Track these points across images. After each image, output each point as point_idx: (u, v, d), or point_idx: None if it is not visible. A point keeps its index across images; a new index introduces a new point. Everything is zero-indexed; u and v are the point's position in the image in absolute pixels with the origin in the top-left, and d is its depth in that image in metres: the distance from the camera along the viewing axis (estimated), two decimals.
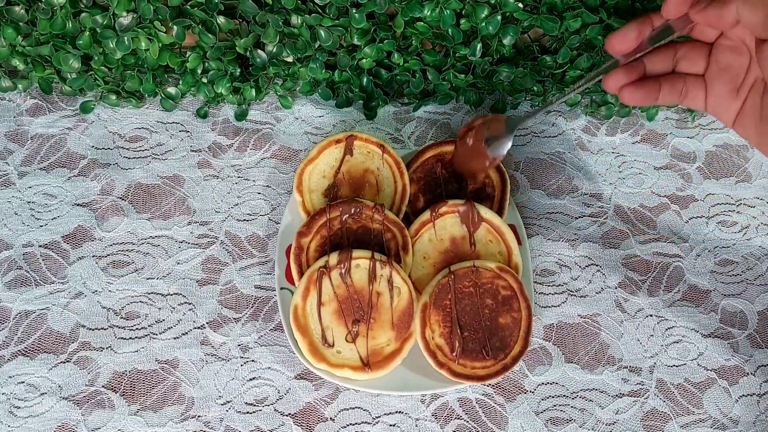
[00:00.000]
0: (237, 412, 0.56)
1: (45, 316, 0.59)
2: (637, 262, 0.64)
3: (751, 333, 0.61)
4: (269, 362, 0.58)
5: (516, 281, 0.57)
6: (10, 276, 0.60)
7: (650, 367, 0.59)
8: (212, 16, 0.62)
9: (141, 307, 0.60)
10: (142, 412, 0.55)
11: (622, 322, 0.61)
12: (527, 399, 0.57)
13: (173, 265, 0.62)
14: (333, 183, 0.62)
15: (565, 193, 0.68)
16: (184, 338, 0.59)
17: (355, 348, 0.55)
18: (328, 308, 0.56)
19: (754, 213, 0.67)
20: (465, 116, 0.72)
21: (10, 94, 0.70)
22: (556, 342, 0.60)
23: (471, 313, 0.56)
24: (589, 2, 0.62)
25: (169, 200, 0.65)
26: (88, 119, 0.69)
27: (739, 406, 0.58)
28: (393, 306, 0.56)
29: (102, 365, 0.57)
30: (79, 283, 0.60)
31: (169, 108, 0.69)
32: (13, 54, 0.65)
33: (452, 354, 0.55)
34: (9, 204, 0.64)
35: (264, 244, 0.63)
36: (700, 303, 0.62)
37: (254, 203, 0.65)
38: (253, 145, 0.69)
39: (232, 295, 0.61)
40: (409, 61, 0.67)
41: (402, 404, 0.57)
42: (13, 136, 0.68)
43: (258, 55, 0.65)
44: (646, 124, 0.72)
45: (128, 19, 0.62)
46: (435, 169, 0.64)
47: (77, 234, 0.63)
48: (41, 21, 0.62)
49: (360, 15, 0.62)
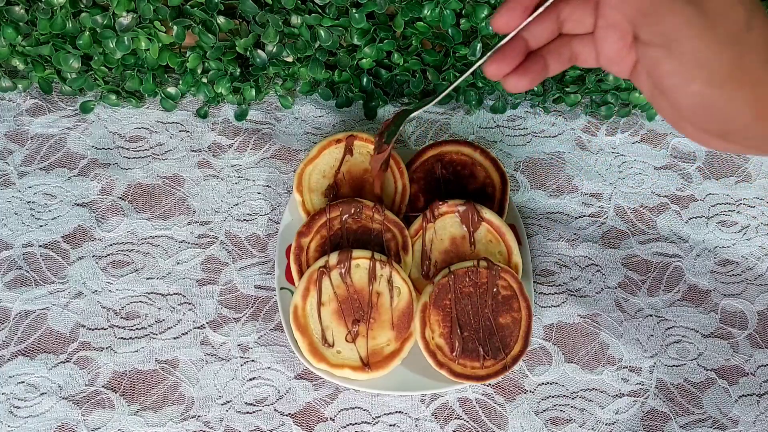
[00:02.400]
0: (237, 412, 0.56)
1: (45, 316, 0.59)
2: (637, 262, 0.64)
3: (751, 333, 0.61)
4: (269, 362, 0.58)
5: (516, 281, 0.57)
6: (10, 276, 0.60)
7: (650, 367, 0.59)
8: (212, 16, 0.62)
9: (141, 307, 0.60)
10: (142, 412, 0.55)
11: (622, 322, 0.61)
12: (527, 399, 0.57)
13: (173, 265, 0.62)
14: (333, 183, 0.62)
15: (565, 193, 0.68)
16: (184, 338, 0.59)
17: (355, 348, 0.55)
18: (328, 308, 0.56)
19: (754, 213, 0.68)
20: (465, 116, 0.72)
21: (10, 94, 0.70)
22: (556, 342, 0.60)
23: (471, 313, 0.56)
24: None
25: (169, 200, 0.65)
26: (88, 119, 0.69)
27: (739, 406, 0.58)
28: (393, 306, 0.56)
29: (102, 365, 0.57)
30: (79, 283, 0.60)
31: (169, 108, 0.69)
32: (13, 54, 0.65)
33: (452, 354, 0.55)
34: (9, 204, 0.64)
35: (264, 244, 0.63)
36: (700, 303, 0.62)
37: (254, 203, 0.65)
38: (253, 145, 0.69)
39: (232, 295, 0.61)
40: (409, 61, 0.67)
41: (402, 404, 0.57)
42: (13, 136, 0.68)
43: (258, 55, 0.65)
44: (646, 124, 0.72)
45: (128, 19, 0.62)
46: (435, 169, 0.64)
47: (77, 234, 0.63)
48: (41, 21, 0.62)
49: (360, 15, 0.62)
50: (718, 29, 0.34)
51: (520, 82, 0.41)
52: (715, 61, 0.34)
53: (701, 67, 0.35)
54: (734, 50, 0.34)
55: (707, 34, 0.34)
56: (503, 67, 0.40)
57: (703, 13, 0.33)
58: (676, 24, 0.34)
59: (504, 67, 0.40)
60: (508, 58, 0.40)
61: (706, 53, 0.34)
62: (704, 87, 0.35)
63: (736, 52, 0.34)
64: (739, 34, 0.34)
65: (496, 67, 0.40)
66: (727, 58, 0.34)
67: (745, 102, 0.35)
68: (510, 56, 0.40)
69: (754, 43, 0.34)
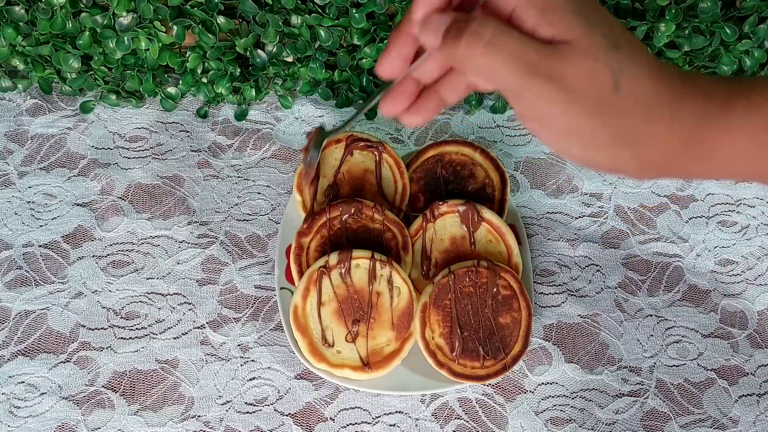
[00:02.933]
0: (237, 412, 0.56)
1: (45, 316, 0.59)
2: (637, 262, 0.64)
3: (751, 333, 0.61)
4: (269, 362, 0.58)
5: (516, 281, 0.57)
6: (10, 276, 0.60)
7: (650, 367, 0.59)
8: (212, 16, 0.62)
9: (141, 307, 0.60)
10: (142, 412, 0.55)
11: (621, 322, 0.61)
12: (527, 399, 0.57)
13: (173, 265, 0.62)
14: (333, 183, 0.62)
15: (565, 193, 0.68)
16: (184, 338, 0.59)
17: (355, 348, 0.55)
18: (328, 308, 0.56)
19: (754, 213, 0.67)
20: (465, 116, 0.72)
21: (10, 94, 0.70)
22: (556, 342, 0.60)
23: (471, 313, 0.56)
24: None
25: (169, 200, 0.65)
26: (88, 119, 0.69)
27: (739, 406, 0.58)
28: (393, 306, 0.56)
29: (102, 365, 0.57)
30: (79, 283, 0.60)
31: (169, 108, 0.69)
32: (13, 54, 0.65)
33: (452, 354, 0.55)
34: (9, 204, 0.64)
35: (264, 244, 0.63)
36: (700, 303, 0.62)
37: (254, 203, 0.65)
38: (253, 145, 0.69)
39: (232, 295, 0.61)
40: None
41: (402, 404, 0.57)
42: (13, 136, 0.68)
43: (258, 55, 0.65)
44: None
45: (128, 19, 0.62)
46: (435, 169, 0.64)
47: (77, 234, 0.63)
48: (41, 21, 0.62)
49: (360, 15, 0.62)
50: (584, 99, 0.33)
51: (414, 119, 0.41)
52: (587, 128, 0.34)
53: (575, 135, 0.34)
54: (603, 115, 0.33)
55: (572, 107, 0.33)
56: (396, 105, 0.40)
57: (564, 89, 0.33)
58: (539, 103, 0.33)
59: (397, 106, 0.40)
60: (399, 99, 0.40)
61: (576, 123, 0.33)
62: (583, 150, 0.35)
63: (606, 115, 0.33)
64: (606, 97, 0.33)
65: (388, 107, 0.40)
66: (598, 124, 0.33)
67: (629, 157, 0.35)
68: (401, 97, 0.40)
69: (624, 103, 0.33)
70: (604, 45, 0.33)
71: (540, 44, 0.33)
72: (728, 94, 0.35)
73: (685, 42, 0.65)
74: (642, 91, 0.34)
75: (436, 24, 0.35)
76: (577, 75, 0.33)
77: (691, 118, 0.35)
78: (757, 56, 0.66)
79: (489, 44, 0.32)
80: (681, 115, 0.34)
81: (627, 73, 0.33)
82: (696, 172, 0.38)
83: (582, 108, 0.33)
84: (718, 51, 0.66)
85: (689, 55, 0.67)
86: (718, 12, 0.62)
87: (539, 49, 0.33)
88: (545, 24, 0.33)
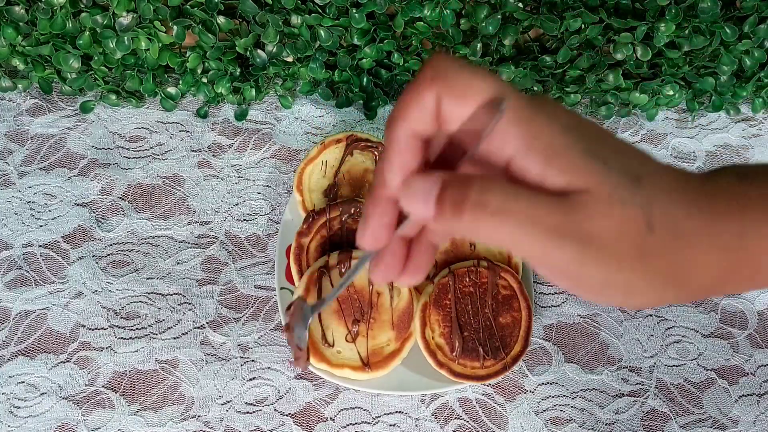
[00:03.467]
0: (237, 412, 0.56)
1: (45, 316, 0.59)
2: None
3: (751, 333, 0.61)
4: (269, 362, 0.58)
5: (516, 281, 0.57)
6: (10, 276, 0.60)
7: (650, 367, 0.59)
8: (212, 16, 0.62)
9: (141, 307, 0.60)
10: (142, 412, 0.55)
11: (621, 322, 0.61)
12: (527, 399, 0.57)
13: (173, 265, 0.62)
14: (333, 183, 0.62)
15: None
16: (184, 338, 0.59)
17: (355, 348, 0.55)
18: (328, 308, 0.56)
19: None
20: None
21: (10, 94, 0.69)
22: (556, 342, 0.60)
23: (471, 312, 0.56)
24: (589, 2, 0.62)
25: (169, 200, 0.65)
26: (88, 119, 0.69)
27: (739, 406, 0.58)
28: (393, 306, 0.56)
29: (102, 365, 0.57)
30: (79, 283, 0.60)
31: (169, 108, 0.69)
32: (13, 54, 0.65)
33: (452, 354, 0.55)
34: (9, 204, 0.64)
35: (264, 244, 0.63)
36: (700, 303, 0.62)
37: (254, 203, 0.65)
38: (253, 145, 0.69)
39: (232, 295, 0.61)
40: (409, 61, 0.67)
41: (402, 404, 0.57)
42: (13, 136, 0.68)
43: (258, 55, 0.65)
44: (646, 124, 0.72)
45: (128, 19, 0.62)
46: None
47: (77, 234, 0.63)
48: (41, 21, 0.62)
49: (360, 15, 0.62)
50: (619, 251, 0.29)
51: (413, 280, 0.35)
52: (627, 278, 0.30)
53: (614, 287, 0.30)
54: (643, 263, 0.30)
55: (608, 261, 0.29)
56: (390, 272, 0.34)
57: (595, 246, 0.29)
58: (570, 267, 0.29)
59: (391, 272, 0.34)
60: (391, 265, 0.34)
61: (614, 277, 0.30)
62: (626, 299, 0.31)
63: (646, 262, 0.30)
64: (642, 241, 0.29)
65: (382, 276, 0.34)
66: (639, 273, 0.30)
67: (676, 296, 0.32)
68: (392, 262, 0.34)
69: (661, 241, 0.30)
70: (626, 184, 0.29)
71: (556, 200, 0.28)
72: (755, 199, 0.32)
73: (685, 42, 0.65)
74: (674, 220, 0.30)
75: (423, 192, 0.29)
76: (607, 228, 0.29)
77: (734, 239, 0.31)
78: (757, 56, 0.66)
79: (498, 213, 0.28)
80: (722, 239, 0.31)
81: (656, 208, 0.30)
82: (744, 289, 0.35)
83: (619, 260, 0.29)
84: (718, 51, 0.66)
85: (689, 55, 0.67)
86: (718, 12, 0.62)
87: (558, 207, 0.28)
88: (554, 172, 0.28)
